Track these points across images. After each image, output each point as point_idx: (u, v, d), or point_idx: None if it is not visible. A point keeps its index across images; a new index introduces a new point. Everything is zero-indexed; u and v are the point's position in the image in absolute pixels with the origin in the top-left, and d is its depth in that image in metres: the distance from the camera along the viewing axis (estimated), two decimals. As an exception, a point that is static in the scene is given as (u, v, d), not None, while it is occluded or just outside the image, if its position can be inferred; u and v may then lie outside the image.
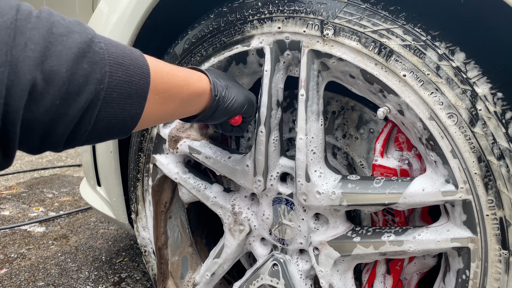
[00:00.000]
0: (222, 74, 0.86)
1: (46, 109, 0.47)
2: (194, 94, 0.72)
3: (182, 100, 0.70)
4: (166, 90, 0.65)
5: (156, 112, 0.64)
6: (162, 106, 0.65)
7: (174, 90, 0.67)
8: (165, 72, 0.64)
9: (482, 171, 0.68)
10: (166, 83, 0.64)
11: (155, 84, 0.61)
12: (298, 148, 0.85)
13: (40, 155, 3.12)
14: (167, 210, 1.20)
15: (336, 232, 0.88)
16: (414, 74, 0.71)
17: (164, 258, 1.22)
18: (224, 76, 0.85)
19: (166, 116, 0.69)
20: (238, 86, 0.85)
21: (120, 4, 1.10)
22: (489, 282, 0.71)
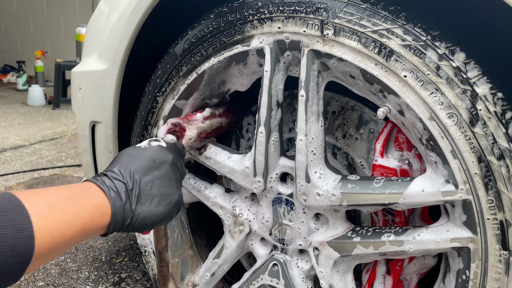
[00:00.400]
0: (147, 170, 0.73)
1: None
2: (92, 234, 0.65)
3: (80, 228, 0.63)
4: (56, 231, 0.59)
5: (52, 242, 0.59)
6: (56, 240, 0.59)
7: (65, 226, 0.60)
8: (50, 220, 0.58)
9: (482, 171, 0.68)
10: (55, 228, 0.58)
11: (41, 235, 0.56)
12: (298, 149, 0.85)
13: (40, 155, 3.12)
14: None
15: (336, 232, 0.88)
16: (414, 74, 0.71)
17: (165, 261, 1.21)
18: (148, 175, 0.73)
19: (64, 239, 0.61)
20: (162, 190, 0.74)
21: (120, 4, 1.10)
22: (489, 282, 0.71)
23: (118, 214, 0.68)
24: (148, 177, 0.73)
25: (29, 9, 6.73)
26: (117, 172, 0.71)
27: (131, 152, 0.75)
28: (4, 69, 6.94)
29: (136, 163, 0.73)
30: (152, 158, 0.76)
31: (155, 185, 0.74)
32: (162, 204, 0.74)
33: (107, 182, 0.68)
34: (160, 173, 0.75)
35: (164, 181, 0.76)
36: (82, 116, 1.33)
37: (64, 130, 3.90)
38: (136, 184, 0.71)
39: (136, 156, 0.74)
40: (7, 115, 4.46)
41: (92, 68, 1.22)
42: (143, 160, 0.74)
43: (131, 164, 0.72)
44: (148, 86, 1.09)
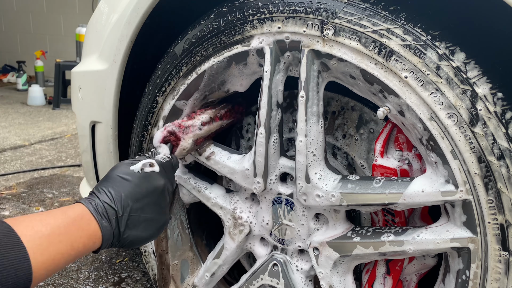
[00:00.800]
0: (136, 197, 0.76)
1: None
2: (82, 250, 0.69)
3: (73, 257, 0.69)
4: (51, 264, 0.64)
5: (47, 274, 0.64)
6: (50, 271, 0.65)
7: (60, 259, 0.66)
8: (46, 255, 0.63)
9: (482, 171, 0.68)
10: (50, 262, 0.63)
11: (38, 270, 0.61)
12: (298, 151, 0.85)
13: (40, 155, 3.12)
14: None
15: (336, 233, 0.88)
16: (414, 74, 0.71)
17: (166, 264, 1.21)
18: (136, 202, 0.76)
19: (57, 269, 0.67)
20: (151, 216, 0.78)
21: (120, 4, 1.10)
22: (489, 282, 0.71)
23: (108, 240, 0.73)
24: (138, 204, 0.76)
25: (29, 9, 6.73)
26: (109, 196, 0.74)
27: (124, 176, 0.77)
28: (4, 69, 6.94)
29: (128, 188, 0.76)
30: (145, 186, 0.78)
31: (144, 211, 0.77)
32: (148, 229, 0.78)
33: (99, 209, 0.72)
34: (150, 200, 0.78)
35: (153, 208, 0.79)
36: (82, 116, 1.33)
37: (64, 130, 3.90)
38: (126, 211, 0.74)
39: (129, 181, 0.77)
40: (7, 115, 4.46)
41: (92, 68, 1.22)
42: (135, 187, 0.76)
43: (123, 189, 0.75)
44: (148, 86, 1.09)
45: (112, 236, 0.73)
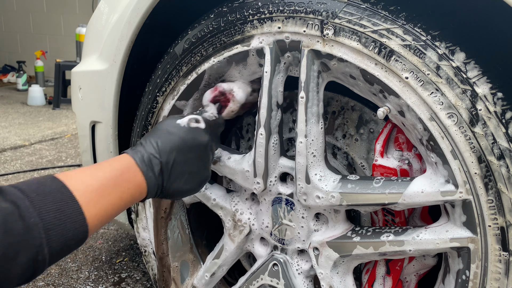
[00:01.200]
0: (180, 149, 0.80)
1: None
2: (131, 200, 0.73)
3: (123, 207, 0.73)
4: (104, 215, 0.68)
5: (101, 224, 0.68)
6: (104, 221, 0.69)
7: (111, 210, 0.70)
8: (98, 207, 0.67)
9: (482, 171, 0.68)
10: (103, 213, 0.67)
11: (93, 221, 0.65)
12: (298, 152, 0.85)
13: (40, 155, 3.12)
14: (167, 216, 1.20)
15: (336, 233, 0.88)
16: (414, 74, 0.71)
17: (167, 266, 1.22)
18: (181, 154, 0.79)
19: (110, 218, 0.71)
20: (193, 169, 0.81)
21: (120, 4, 1.10)
22: (489, 282, 0.71)
23: (153, 190, 0.76)
24: (182, 157, 0.79)
25: (29, 9, 6.73)
26: (154, 147, 0.77)
27: (171, 129, 0.81)
28: (4, 69, 6.94)
29: (173, 141, 0.79)
30: (190, 140, 0.81)
31: (187, 164, 0.80)
32: (190, 183, 0.82)
33: (145, 160, 0.75)
34: (193, 155, 0.81)
35: (196, 162, 0.82)
36: (82, 116, 1.33)
37: (64, 130, 3.90)
38: (170, 163, 0.77)
39: (175, 134, 0.80)
40: (7, 115, 4.46)
41: (92, 68, 1.22)
42: (180, 140, 0.80)
43: (168, 141, 0.78)
44: (148, 86, 1.09)
45: (156, 187, 0.76)
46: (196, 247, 1.26)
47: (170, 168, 0.77)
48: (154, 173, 0.75)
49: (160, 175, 0.76)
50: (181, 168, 0.79)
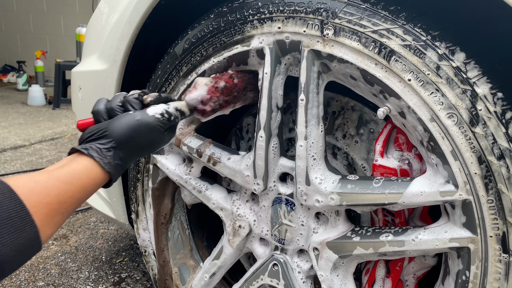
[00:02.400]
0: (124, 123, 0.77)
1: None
2: (89, 190, 0.72)
3: (82, 202, 0.72)
4: (60, 214, 0.66)
5: (58, 223, 0.67)
6: (62, 218, 0.67)
7: (72, 208, 0.69)
8: (52, 207, 0.65)
9: (482, 171, 0.68)
10: (58, 213, 0.66)
11: (45, 223, 0.63)
12: (298, 155, 0.85)
13: (40, 155, 3.12)
14: (167, 222, 1.20)
15: (336, 233, 0.88)
16: (414, 74, 0.71)
17: (169, 273, 1.21)
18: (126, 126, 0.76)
19: (70, 212, 0.69)
20: (140, 129, 0.77)
21: (120, 4, 1.10)
22: (489, 282, 0.71)
23: (108, 164, 0.75)
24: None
25: (29, 9, 6.73)
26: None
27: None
28: (4, 69, 6.94)
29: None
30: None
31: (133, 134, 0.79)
32: (146, 142, 0.81)
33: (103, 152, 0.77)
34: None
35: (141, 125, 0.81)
36: (82, 116, 1.33)
37: (64, 130, 3.90)
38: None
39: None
40: (7, 115, 4.46)
41: (92, 68, 1.22)
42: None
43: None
44: (148, 86, 1.09)
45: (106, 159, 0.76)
46: (196, 249, 1.26)
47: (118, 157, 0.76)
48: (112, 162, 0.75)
49: (116, 157, 0.75)
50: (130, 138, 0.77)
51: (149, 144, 0.80)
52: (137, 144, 0.77)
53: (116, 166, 0.74)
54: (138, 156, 0.80)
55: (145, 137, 0.78)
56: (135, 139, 0.76)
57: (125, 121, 0.76)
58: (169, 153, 1.11)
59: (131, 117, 0.77)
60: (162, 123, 0.79)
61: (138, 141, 0.77)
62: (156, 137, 0.80)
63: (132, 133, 0.76)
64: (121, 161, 0.75)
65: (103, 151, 0.73)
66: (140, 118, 0.77)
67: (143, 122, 0.77)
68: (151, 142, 0.80)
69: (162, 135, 0.81)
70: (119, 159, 0.75)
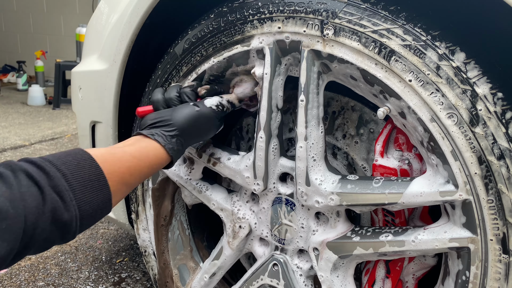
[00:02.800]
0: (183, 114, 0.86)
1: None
2: (154, 167, 0.80)
3: (146, 178, 0.81)
4: (127, 185, 0.75)
5: (124, 193, 0.75)
6: (128, 189, 0.76)
7: (137, 182, 0.77)
8: (123, 177, 0.73)
9: (482, 171, 0.68)
10: (126, 183, 0.74)
11: (116, 189, 0.71)
12: (298, 157, 0.85)
13: (40, 155, 3.12)
14: (167, 224, 1.20)
15: (337, 233, 0.88)
16: (414, 74, 0.71)
17: (170, 276, 1.21)
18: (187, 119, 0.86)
19: (134, 186, 0.77)
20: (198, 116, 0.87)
21: (120, 4, 1.10)
22: (489, 282, 0.71)
23: (171, 149, 0.85)
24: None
25: (29, 9, 6.73)
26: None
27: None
28: (4, 69, 6.94)
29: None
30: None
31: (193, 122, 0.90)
32: (204, 129, 0.93)
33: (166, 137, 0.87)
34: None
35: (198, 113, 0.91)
36: (82, 116, 1.33)
37: (64, 130, 3.90)
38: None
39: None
40: (7, 115, 4.46)
41: (92, 68, 1.22)
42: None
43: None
44: (148, 86, 1.09)
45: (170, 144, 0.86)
46: (196, 249, 1.26)
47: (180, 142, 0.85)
48: (175, 139, 0.83)
49: (179, 143, 0.85)
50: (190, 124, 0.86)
51: (205, 132, 0.90)
52: (196, 132, 0.87)
53: (178, 151, 0.84)
54: (194, 143, 0.90)
55: (204, 126, 0.88)
56: (195, 128, 0.86)
57: (187, 111, 0.86)
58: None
59: (191, 108, 0.87)
60: (218, 113, 0.90)
61: (197, 129, 0.87)
62: (212, 126, 0.90)
63: (193, 123, 0.85)
64: (181, 147, 0.84)
65: (167, 137, 0.82)
66: (200, 109, 0.87)
67: (203, 113, 0.87)
68: (208, 130, 0.90)
69: (216, 124, 0.91)
70: (180, 145, 0.84)
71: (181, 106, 0.88)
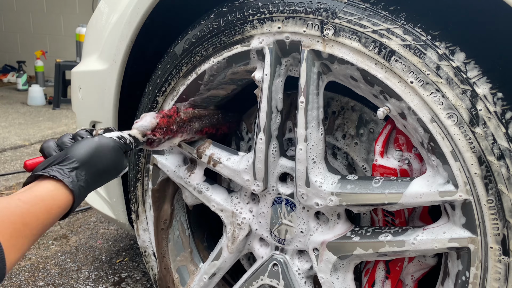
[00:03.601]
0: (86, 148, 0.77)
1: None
2: (53, 211, 0.69)
3: (49, 226, 0.69)
4: (24, 237, 0.63)
5: (23, 247, 0.63)
6: (27, 242, 0.64)
7: (37, 232, 0.66)
8: (16, 228, 0.62)
9: (482, 171, 0.68)
10: (22, 236, 0.63)
11: (10, 245, 0.60)
12: (298, 159, 0.85)
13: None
14: (167, 227, 1.20)
15: (337, 233, 0.88)
16: (414, 74, 0.71)
17: (171, 280, 1.21)
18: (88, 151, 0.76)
19: (35, 238, 0.66)
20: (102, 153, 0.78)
21: (120, 4, 1.10)
22: (489, 282, 0.71)
23: (78, 188, 0.75)
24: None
25: (29, 9, 6.73)
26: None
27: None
28: (4, 69, 6.94)
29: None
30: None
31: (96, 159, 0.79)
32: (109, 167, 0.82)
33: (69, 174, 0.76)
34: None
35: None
36: (82, 116, 1.33)
37: (64, 130, 3.90)
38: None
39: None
40: (7, 115, 4.46)
41: (92, 68, 1.22)
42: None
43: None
44: (148, 86, 1.09)
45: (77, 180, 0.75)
46: (197, 250, 1.25)
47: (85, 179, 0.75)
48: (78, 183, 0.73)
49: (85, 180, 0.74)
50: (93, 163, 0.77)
51: (110, 165, 0.79)
52: (99, 163, 0.76)
53: (80, 187, 0.72)
54: (100, 181, 0.78)
55: (106, 156, 0.78)
56: (97, 158, 0.76)
57: (86, 142, 0.77)
58: (169, 153, 1.11)
59: (90, 139, 0.78)
60: (120, 144, 0.81)
61: (100, 160, 0.77)
62: (116, 157, 0.80)
63: (94, 152, 0.76)
64: (84, 183, 0.73)
65: (65, 171, 0.71)
66: (99, 139, 0.78)
67: (103, 142, 0.78)
68: (112, 162, 0.79)
69: (122, 156, 0.82)
70: (82, 181, 0.73)
71: (78, 141, 0.79)
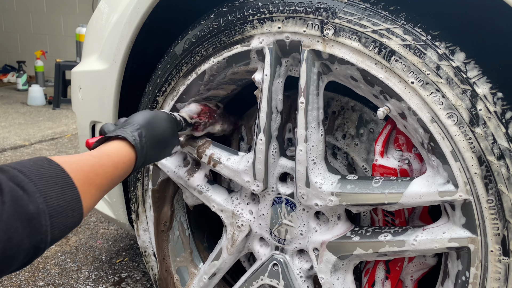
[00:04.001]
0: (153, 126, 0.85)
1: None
2: (120, 166, 0.76)
3: (116, 181, 0.75)
4: (96, 186, 0.69)
5: (95, 196, 0.69)
6: (98, 193, 0.70)
7: (106, 183, 0.72)
8: (89, 176, 0.68)
9: (482, 171, 0.68)
10: (97, 197, 0.69)
11: (87, 206, 0.66)
12: (298, 160, 0.85)
13: (40, 155, 3.12)
14: (167, 229, 1.20)
15: (337, 233, 0.88)
16: (414, 74, 0.71)
17: (172, 283, 1.21)
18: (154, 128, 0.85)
19: (105, 189, 0.73)
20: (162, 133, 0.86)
21: (120, 4, 1.10)
22: (489, 282, 0.71)
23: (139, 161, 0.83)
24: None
25: (29, 9, 6.73)
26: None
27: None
28: (4, 69, 6.94)
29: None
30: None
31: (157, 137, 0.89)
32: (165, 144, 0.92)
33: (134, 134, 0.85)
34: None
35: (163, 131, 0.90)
36: (82, 116, 1.33)
37: (64, 130, 3.90)
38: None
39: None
40: (7, 115, 4.46)
41: (92, 68, 1.22)
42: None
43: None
44: (148, 86, 1.09)
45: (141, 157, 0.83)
46: (197, 251, 1.25)
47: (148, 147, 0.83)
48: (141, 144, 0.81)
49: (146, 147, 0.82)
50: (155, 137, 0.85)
51: (166, 133, 0.87)
52: (157, 129, 0.85)
53: (141, 146, 0.80)
54: (157, 148, 0.85)
55: (162, 124, 0.86)
56: (155, 125, 0.85)
57: (144, 112, 0.86)
58: (169, 153, 1.11)
59: (147, 110, 0.88)
60: (172, 118, 0.90)
61: (157, 126, 0.85)
62: (170, 128, 0.88)
63: (151, 119, 0.85)
64: (144, 144, 0.81)
65: (127, 131, 0.79)
66: (155, 111, 0.89)
67: (159, 113, 0.88)
68: (166, 131, 0.87)
69: (174, 130, 0.90)
70: (143, 141, 0.80)
71: (136, 112, 0.88)
